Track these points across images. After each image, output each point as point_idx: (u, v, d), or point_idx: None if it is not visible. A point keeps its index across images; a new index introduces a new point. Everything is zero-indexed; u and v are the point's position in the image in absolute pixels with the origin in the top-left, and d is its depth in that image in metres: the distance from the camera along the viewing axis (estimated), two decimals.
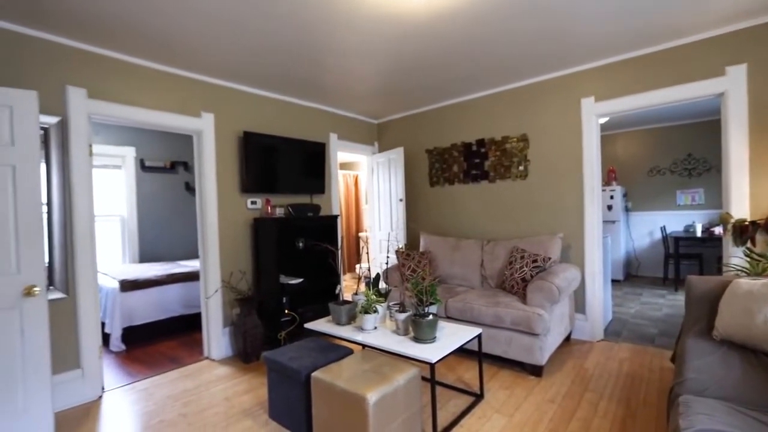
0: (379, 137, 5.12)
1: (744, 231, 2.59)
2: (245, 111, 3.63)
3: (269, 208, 3.65)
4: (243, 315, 3.25)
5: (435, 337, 2.24)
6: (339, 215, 4.20)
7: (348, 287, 5.92)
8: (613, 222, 5.95)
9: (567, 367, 2.87)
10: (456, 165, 4.30)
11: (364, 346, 2.35)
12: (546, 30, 2.66)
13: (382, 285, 4.00)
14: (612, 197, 5.94)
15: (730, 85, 2.72)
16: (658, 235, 6.17)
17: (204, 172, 3.31)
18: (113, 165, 4.88)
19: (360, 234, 7.12)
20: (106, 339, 3.56)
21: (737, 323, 1.78)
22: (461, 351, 3.19)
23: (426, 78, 3.54)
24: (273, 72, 3.26)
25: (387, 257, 3.54)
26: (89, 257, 2.65)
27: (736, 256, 2.71)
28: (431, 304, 2.32)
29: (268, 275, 3.46)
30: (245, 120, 3.63)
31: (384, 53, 2.94)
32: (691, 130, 5.87)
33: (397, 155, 4.59)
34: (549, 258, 3.14)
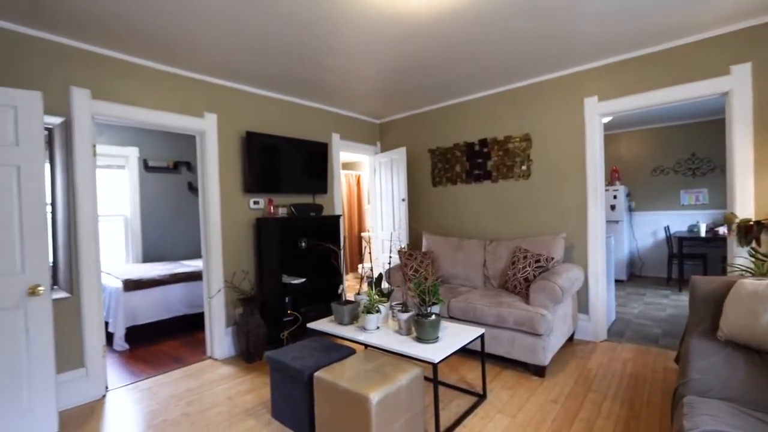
0: (382, 137, 5.13)
1: (749, 231, 2.58)
2: (248, 111, 3.64)
3: (272, 208, 3.65)
4: (246, 315, 3.26)
5: (437, 337, 2.24)
6: (341, 215, 4.21)
7: (350, 287, 5.93)
8: (617, 222, 5.93)
9: (570, 368, 2.87)
10: (458, 165, 4.30)
11: (366, 345, 2.35)
12: (547, 29, 2.65)
13: (384, 285, 4.00)
14: (615, 197, 5.92)
15: (734, 84, 2.71)
16: (661, 235, 6.14)
17: (207, 172, 3.32)
18: (117, 165, 4.90)
19: (362, 234, 7.12)
20: (109, 338, 3.57)
21: (742, 324, 1.77)
22: (464, 351, 3.21)
23: (428, 78, 3.54)
24: (274, 72, 3.26)
25: (389, 257, 3.54)
26: (93, 257, 2.67)
27: (740, 256, 2.69)
28: (434, 304, 2.32)
29: (270, 275, 3.47)
30: (248, 120, 3.63)
31: (385, 53, 2.94)
32: (695, 129, 5.84)
33: (400, 155, 4.59)
34: (552, 258, 3.13)
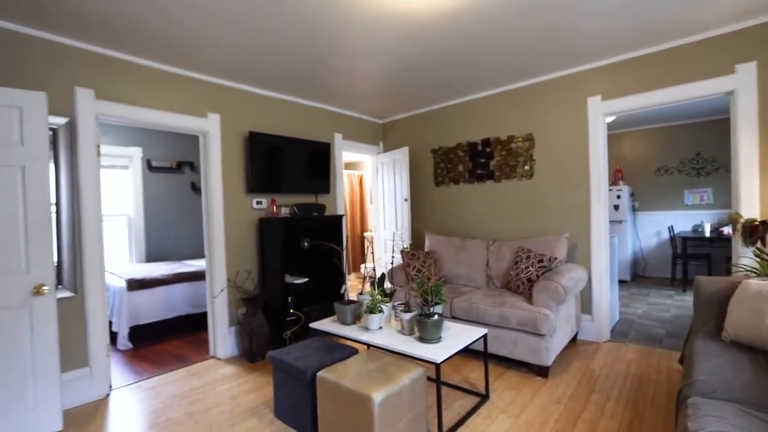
0: (384, 137, 5.12)
1: (754, 231, 2.55)
2: (250, 111, 3.65)
3: (274, 207, 3.66)
4: (248, 314, 3.26)
5: (440, 337, 2.24)
6: (344, 215, 4.21)
7: (353, 287, 5.93)
8: (620, 222, 5.90)
9: (573, 368, 2.86)
10: (461, 165, 4.29)
11: (369, 345, 2.35)
12: (550, 29, 2.64)
13: (387, 285, 4.00)
14: (619, 197, 5.89)
15: (739, 83, 2.69)
16: (665, 235, 6.11)
17: (210, 172, 3.33)
18: (120, 165, 4.93)
19: (365, 234, 7.12)
20: (113, 338, 3.60)
21: (747, 324, 1.76)
22: (467, 351, 3.20)
23: (430, 77, 3.53)
24: (277, 72, 3.27)
25: (392, 257, 3.54)
26: (97, 256, 2.68)
27: (745, 256, 2.68)
28: (436, 304, 2.31)
29: (273, 275, 3.48)
30: (250, 120, 3.64)
31: (388, 53, 2.94)
32: (699, 129, 5.80)
33: (402, 155, 4.59)
34: (555, 258, 3.12)
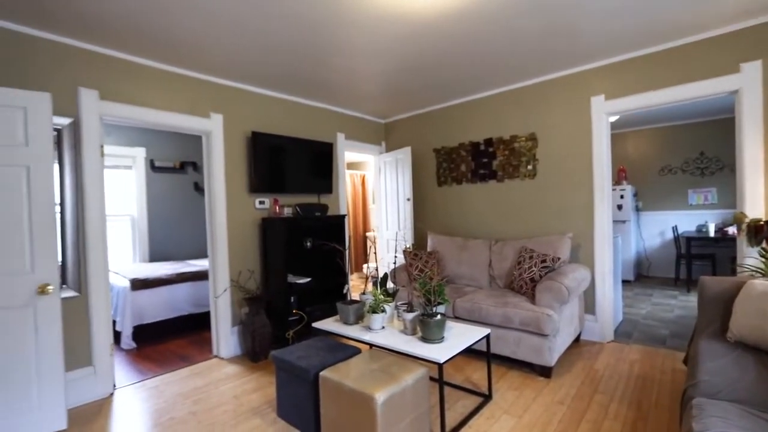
0: (387, 137, 5.12)
1: (759, 231, 2.54)
2: (253, 111, 3.65)
3: (277, 207, 3.67)
4: (251, 314, 3.27)
5: (443, 337, 2.24)
6: (346, 215, 4.21)
7: (355, 287, 5.93)
8: (624, 222, 5.88)
9: (577, 369, 2.85)
10: (464, 164, 4.29)
11: (371, 345, 2.35)
12: (553, 28, 2.63)
13: (389, 285, 4.00)
14: (622, 197, 5.86)
15: (744, 83, 2.67)
16: (669, 235, 6.08)
17: (213, 172, 3.34)
18: (124, 165, 4.95)
19: (367, 234, 7.13)
20: (117, 337, 3.62)
21: (752, 325, 1.75)
22: (469, 351, 3.19)
23: (433, 77, 3.53)
24: (279, 72, 3.27)
25: (394, 257, 3.54)
26: (101, 256, 2.69)
27: (750, 256, 2.66)
28: (439, 303, 2.31)
29: (276, 275, 3.48)
30: (253, 120, 3.65)
31: (390, 53, 2.94)
32: (704, 128, 5.77)
33: (405, 155, 4.59)
34: (558, 258, 3.11)
